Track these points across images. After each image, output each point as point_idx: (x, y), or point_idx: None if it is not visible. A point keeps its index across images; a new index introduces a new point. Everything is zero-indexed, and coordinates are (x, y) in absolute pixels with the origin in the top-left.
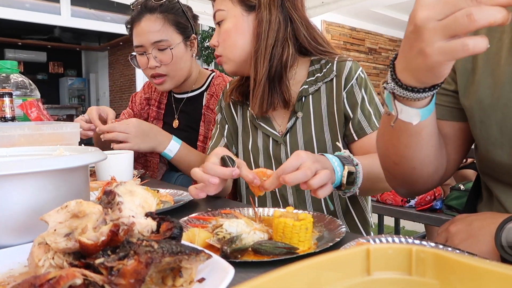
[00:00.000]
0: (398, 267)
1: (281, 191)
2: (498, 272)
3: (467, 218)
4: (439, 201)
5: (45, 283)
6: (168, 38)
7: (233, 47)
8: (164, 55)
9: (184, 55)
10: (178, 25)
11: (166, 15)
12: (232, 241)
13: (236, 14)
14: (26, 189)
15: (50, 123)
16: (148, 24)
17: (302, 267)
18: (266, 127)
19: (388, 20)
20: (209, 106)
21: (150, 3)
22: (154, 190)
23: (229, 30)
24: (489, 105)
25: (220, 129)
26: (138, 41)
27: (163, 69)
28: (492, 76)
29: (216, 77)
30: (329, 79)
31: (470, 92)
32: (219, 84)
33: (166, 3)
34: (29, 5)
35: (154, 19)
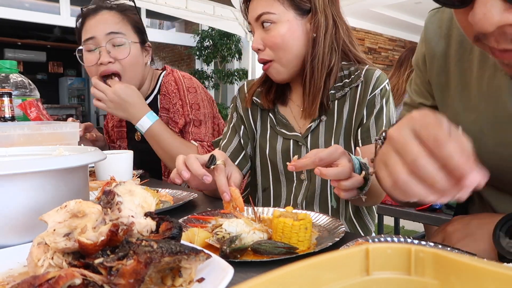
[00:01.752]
0: (397, 267)
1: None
2: (498, 272)
3: (464, 218)
4: None
5: (44, 283)
6: (125, 33)
7: (288, 52)
8: (119, 51)
9: (139, 58)
10: (136, 25)
11: (124, 13)
12: (232, 241)
13: (290, 19)
14: (25, 189)
15: (50, 123)
16: (104, 17)
17: (302, 267)
18: (287, 132)
19: (388, 20)
20: (164, 106)
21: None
22: (154, 190)
23: (283, 35)
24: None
25: (235, 129)
26: (91, 33)
27: (116, 65)
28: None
29: (166, 75)
30: (355, 85)
31: (446, 104)
32: (168, 81)
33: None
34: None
35: (112, 14)
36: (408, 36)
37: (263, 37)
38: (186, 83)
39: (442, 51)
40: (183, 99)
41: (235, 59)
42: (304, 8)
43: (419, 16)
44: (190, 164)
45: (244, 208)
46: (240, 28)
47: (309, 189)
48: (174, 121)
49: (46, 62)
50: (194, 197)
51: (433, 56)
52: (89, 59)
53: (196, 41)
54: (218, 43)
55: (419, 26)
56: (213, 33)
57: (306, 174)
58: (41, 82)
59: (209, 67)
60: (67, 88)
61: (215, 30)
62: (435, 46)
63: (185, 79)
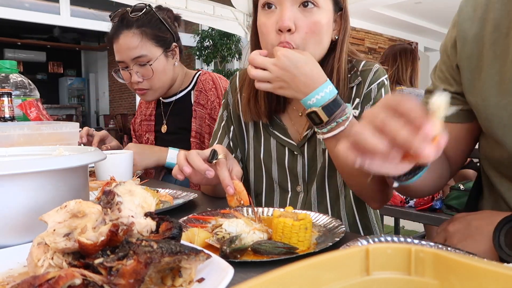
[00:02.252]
0: (397, 267)
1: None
2: (498, 272)
3: (465, 217)
4: (439, 201)
5: (44, 283)
6: (147, 53)
7: (319, 44)
8: (145, 70)
9: (166, 67)
10: (157, 38)
11: (143, 30)
12: (232, 241)
13: (329, 9)
14: (25, 189)
15: (50, 123)
16: (126, 41)
17: (302, 267)
18: (281, 136)
19: (388, 20)
20: (199, 102)
21: (127, 17)
22: (154, 190)
23: (322, 24)
24: (495, 103)
25: (225, 130)
26: (119, 57)
27: (145, 84)
28: (499, 73)
29: (202, 74)
30: (352, 85)
31: (475, 89)
32: (206, 80)
33: (143, 16)
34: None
35: (131, 35)
36: (408, 36)
37: (299, 17)
38: (223, 84)
39: (475, 34)
40: (220, 98)
41: (235, 59)
42: (339, 4)
43: (419, 16)
44: (191, 160)
45: (248, 201)
46: (240, 28)
47: (305, 202)
48: (213, 118)
49: (46, 62)
50: (194, 197)
51: (465, 39)
52: (124, 76)
53: (196, 41)
54: (218, 43)
55: (419, 26)
56: (213, 33)
57: (302, 186)
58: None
59: (209, 67)
60: (67, 88)
61: (215, 30)
62: (468, 29)
63: (221, 80)
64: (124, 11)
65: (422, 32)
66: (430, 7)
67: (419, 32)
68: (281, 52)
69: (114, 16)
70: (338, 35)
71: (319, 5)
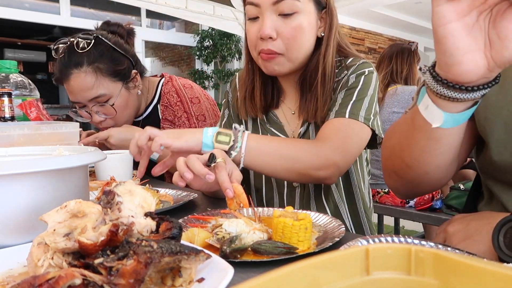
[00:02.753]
0: (397, 267)
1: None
2: (498, 272)
3: (465, 218)
4: (439, 200)
5: (44, 283)
6: (106, 92)
7: (302, 47)
8: (106, 109)
9: (129, 99)
10: (114, 72)
11: (96, 66)
12: (232, 241)
13: (311, 11)
14: (25, 189)
15: (50, 123)
16: (78, 82)
17: (302, 267)
18: (277, 132)
19: (388, 20)
20: (167, 118)
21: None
22: (154, 190)
23: (303, 28)
24: (495, 102)
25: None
26: (73, 98)
27: (108, 122)
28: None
29: (165, 84)
30: (338, 78)
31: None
32: (169, 92)
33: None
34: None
35: (83, 76)
36: (408, 36)
37: (278, 25)
38: (188, 94)
39: None
40: (188, 111)
41: (235, 59)
42: (321, 3)
43: (419, 16)
44: (191, 165)
45: (247, 204)
46: (240, 28)
47: (303, 197)
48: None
49: (46, 62)
50: (194, 197)
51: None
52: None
53: (196, 41)
54: (218, 43)
55: (419, 26)
56: (213, 33)
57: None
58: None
59: (209, 67)
60: None
61: (215, 30)
62: None
63: (186, 89)
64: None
65: (422, 32)
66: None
67: (419, 32)
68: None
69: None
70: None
71: (297, 9)
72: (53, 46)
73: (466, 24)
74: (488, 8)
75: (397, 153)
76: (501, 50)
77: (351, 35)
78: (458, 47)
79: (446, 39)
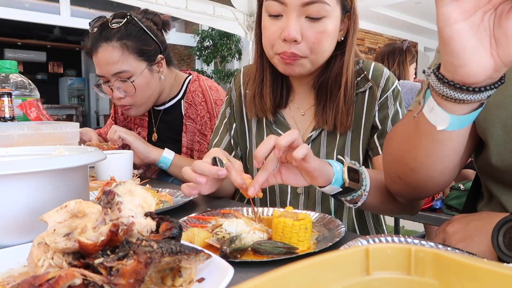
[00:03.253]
0: (397, 267)
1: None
2: (498, 272)
3: (464, 218)
4: (439, 201)
5: (44, 283)
6: (129, 69)
7: (325, 51)
8: (127, 86)
9: (150, 82)
10: (140, 51)
11: (124, 42)
12: (232, 241)
13: (337, 16)
14: (25, 189)
15: (50, 123)
16: (105, 55)
17: (302, 267)
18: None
19: (388, 20)
20: (190, 116)
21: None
22: (154, 190)
23: (328, 32)
24: (494, 102)
25: (226, 127)
26: (99, 72)
27: (127, 100)
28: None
29: (192, 82)
30: (362, 89)
31: None
32: (195, 91)
33: (123, 27)
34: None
35: (111, 49)
36: (408, 36)
37: (305, 28)
38: (213, 95)
39: None
40: (211, 112)
41: (235, 59)
42: (346, 7)
43: (419, 16)
44: (201, 169)
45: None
46: (240, 28)
47: (308, 205)
48: (203, 134)
49: (46, 62)
50: (194, 197)
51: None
52: (106, 90)
53: (196, 41)
54: (218, 43)
55: (419, 26)
56: (213, 33)
57: (303, 188)
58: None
59: (209, 67)
60: (67, 88)
61: (215, 30)
62: None
63: (212, 91)
64: (104, 20)
65: (422, 32)
66: (430, 7)
67: (419, 32)
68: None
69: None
70: (345, 36)
71: (326, 14)
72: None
73: (472, 24)
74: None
75: (400, 158)
76: (508, 49)
77: None
78: (465, 48)
79: (453, 39)
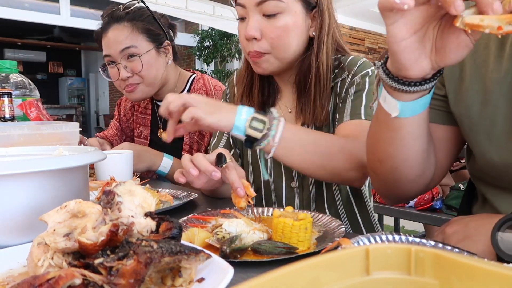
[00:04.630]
0: (398, 267)
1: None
2: (498, 272)
3: (463, 219)
4: (439, 201)
5: (44, 283)
6: (136, 45)
7: (288, 46)
8: (134, 63)
9: (156, 62)
10: (148, 32)
11: (134, 23)
12: (232, 241)
13: (297, 11)
14: (25, 189)
15: (50, 123)
16: (115, 33)
17: (302, 267)
18: None
19: None
20: None
21: (117, 12)
22: (154, 190)
23: (288, 27)
24: (477, 112)
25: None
26: (106, 51)
27: (135, 78)
28: (480, 83)
29: (196, 80)
30: (340, 79)
31: (459, 99)
32: (199, 90)
33: (134, 10)
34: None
35: (121, 28)
36: None
37: (263, 25)
38: (217, 96)
39: None
40: None
41: (235, 59)
42: (311, 3)
43: None
44: (198, 162)
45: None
46: None
47: (303, 198)
48: (201, 134)
49: (46, 62)
50: (194, 197)
51: None
52: (111, 73)
53: (196, 41)
54: (218, 43)
55: None
56: (213, 33)
57: (297, 181)
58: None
59: (209, 67)
60: (67, 88)
61: (215, 30)
62: None
63: (216, 91)
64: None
65: None
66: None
67: None
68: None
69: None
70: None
71: (281, 10)
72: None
73: (418, 38)
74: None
75: (371, 150)
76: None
77: (351, 35)
78: (409, 59)
79: (399, 54)
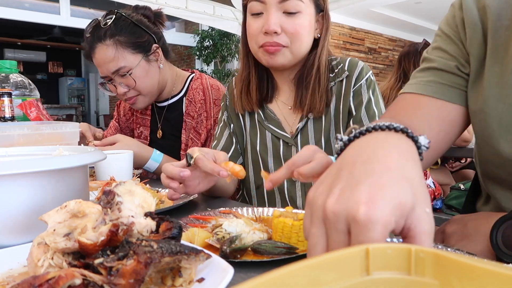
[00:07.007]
0: (398, 267)
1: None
2: (498, 272)
3: (462, 219)
4: (439, 200)
5: (44, 283)
6: (125, 64)
7: (304, 43)
8: (127, 80)
9: (148, 72)
10: (133, 44)
11: (116, 39)
12: (232, 241)
13: (311, 13)
14: (25, 189)
15: (50, 123)
16: (101, 55)
17: (302, 267)
18: (275, 129)
19: (388, 20)
20: (189, 113)
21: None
22: (154, 190)
23: (305, 26)
24: (493, 94)
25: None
26: (101, 72)
27: (132, 92)
28: (499, 64)
29: (194, 80)
30: (340, 79)
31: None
32: (197, 88)
33: (113, 25)
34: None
35: (105, 48)
36: (408, 36)
37: (284, 21)
38: (213, 95)
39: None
40: (208, 112)
41: (235, 59)
42: (319, 6)
43: (419, 16)
44: (168, 172)
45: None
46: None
47: (305, 190)
48: (197, 132)
49: (46, 62)
50: (194, 197)
51: (475, 25)
52: (112, 89)
53: (196, 41)
54: (218, 43)
55: (419, 26)
56: (213, 33)
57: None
58: (41, 82)
59: (209, 67)
60: (67, 88)
61: (215, 30)
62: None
63: (213, 90)
64: (96, 22)
65: (422, 32)
66: (430, 7)
67: (419, 32)
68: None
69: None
70: (320, 34)
71: (302, 10)
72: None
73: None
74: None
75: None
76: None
77: (351, 35)
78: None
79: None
